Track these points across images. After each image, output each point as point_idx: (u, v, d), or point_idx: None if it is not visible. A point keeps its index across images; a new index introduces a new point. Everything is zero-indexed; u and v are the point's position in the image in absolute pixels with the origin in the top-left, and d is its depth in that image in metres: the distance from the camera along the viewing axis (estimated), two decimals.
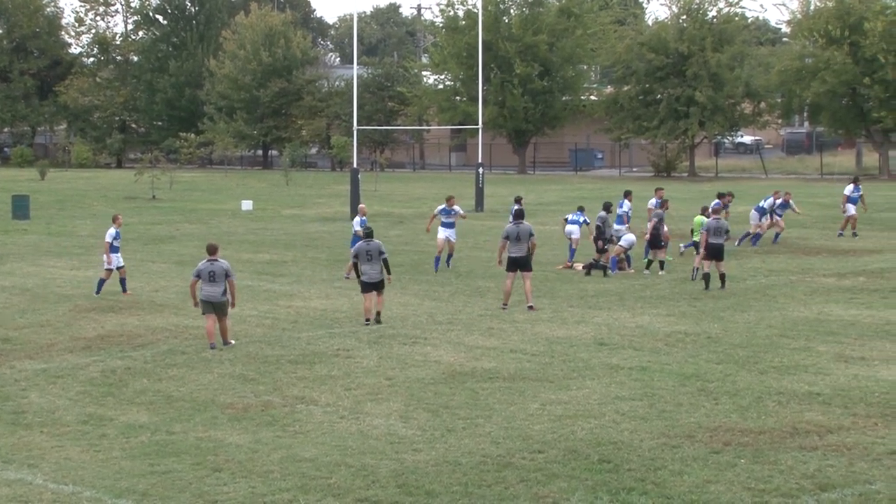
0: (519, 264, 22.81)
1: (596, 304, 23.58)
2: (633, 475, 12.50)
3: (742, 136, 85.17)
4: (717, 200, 30.33)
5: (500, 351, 19.03)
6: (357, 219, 28.44)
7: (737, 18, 70.97)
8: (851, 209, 34.94)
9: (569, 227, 30.07)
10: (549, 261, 30.12)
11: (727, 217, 28.56)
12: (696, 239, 27.36)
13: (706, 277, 25.06)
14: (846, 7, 64.23)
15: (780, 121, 76.06)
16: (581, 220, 29.93)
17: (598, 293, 25.05)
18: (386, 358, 18.55)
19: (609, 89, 75.71)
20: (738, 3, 70.80)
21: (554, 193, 54.31)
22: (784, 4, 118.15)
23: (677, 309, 22.85)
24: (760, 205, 33.26)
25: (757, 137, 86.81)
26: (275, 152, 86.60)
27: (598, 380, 16.85)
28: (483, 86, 53.43)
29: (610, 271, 27.58)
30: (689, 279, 26.20)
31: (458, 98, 76.00)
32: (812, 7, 67.13)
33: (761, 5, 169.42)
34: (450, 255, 29.00)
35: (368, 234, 22.24)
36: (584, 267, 28.52)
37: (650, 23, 78.18)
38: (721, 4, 70.35)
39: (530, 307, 22.67)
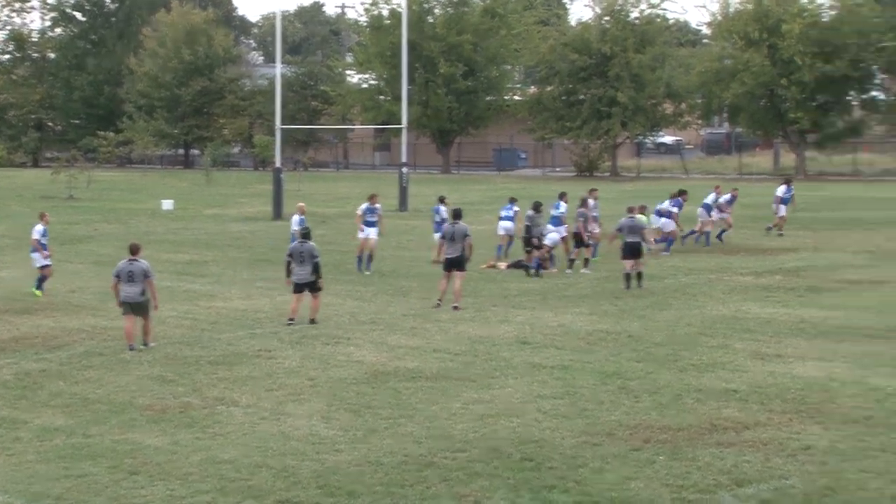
0: (453, 264, 22.98)
1: (518, 304, 23.66)
2: (554, 473, 12.54)
3: (663, 137, 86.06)
4: (675, 197, 31.05)
5: (423, 350, 19.01)
6: (296, 217, 28.21)
7: (658, 20, 71.72)
8: (783, 210, 35.44)
9: (503, 224, 30.22)
10: (473, 260, 30.12)
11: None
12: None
13: (626, 277, 25.26)
14: (764, 9, 65.21)
15: (700, 121, 76.94)
16: (513, 211, 30.33)
17: (521, 292, 25.14)
18: (308, 358, 18.44)
19: (533, 89, 76.07)
20: (659, 5, 71.62)
21: (477, 193, 54.40)
22: (704, 6, 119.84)
23: (599, 308, 23.01)
24: (706, 202, 33.61)
25: (678, 138, 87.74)
26: (196, 151, 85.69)
27: (520, 378, 16.91)
28: (407, 85, 53.30)
29: (532, 271, 27.69)
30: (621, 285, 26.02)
31: (382, 97, 75.83)
32: (731, 9, 68.04)
33: (682, 7, 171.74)
34: (370, 259, 28.72)
35: (305, 235, 22.04)
36: (507, 266, 28.63)
37: (574, 23, 78.70)
38: (643, 6, 71.07)
39: (455, 307, 22.67)
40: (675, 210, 31.84)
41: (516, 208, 30.73)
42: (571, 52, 69.37)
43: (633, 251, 25.13)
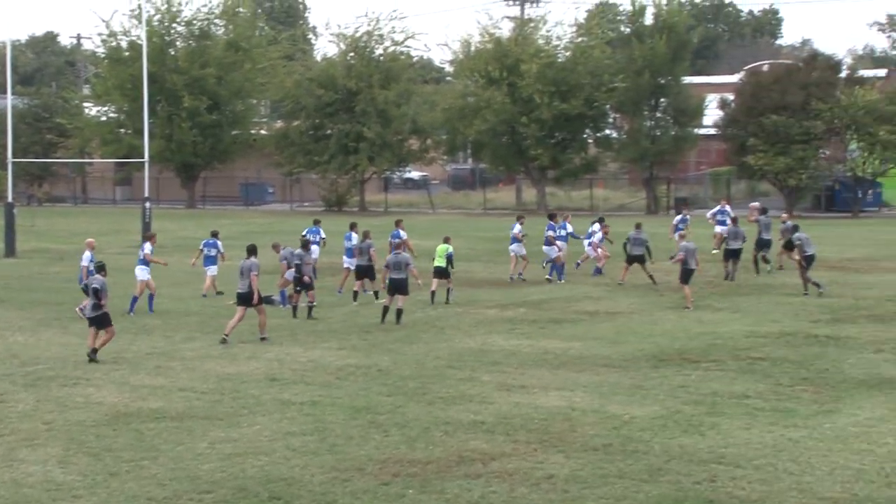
0: (397, 288, 25.01)
1: (267, 339, 23.34)
2: None
3: (410, 172, 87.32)
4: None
5: (168, 390, 18.48)
6: (87, 253, 27.02)
7: (402, 57, 72.77)
8: (718, 228, 37.56)
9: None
10: (222, 299, 29.63)
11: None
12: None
13: (384, 310, 25.44)
14: (504, 49, 67.25)
15: (445, 157, 78.47)
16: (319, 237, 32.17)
17: (270, 328, 24.80)
18: (44, 401, 17.60)
19: (279, 124, 75.74)
20: (403, 42, 72.63)
21: (225, 228, 53.50)
22: (447, 45, 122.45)
23: (348, 342, 22.99)
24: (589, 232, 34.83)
25: (424, 173, 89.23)
26: None
27: (269, 416, 16.66)
28: (149, 119, 52.03)
29: (281, 305, 27.35)
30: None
31: (122, 131, 73.82)
32: (472, 48, 69.82)
33: (425, 45, 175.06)
34: (151, 296, 27.85)
35: (100, 269, 21.64)
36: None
37: (319, 59, 78.89)
38: (387, 43, 71.97)
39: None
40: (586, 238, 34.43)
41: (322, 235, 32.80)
42: (317, 87, 69.50)
43: (397, 287, 25.24)
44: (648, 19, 66.75)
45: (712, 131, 67.82)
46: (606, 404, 17.23)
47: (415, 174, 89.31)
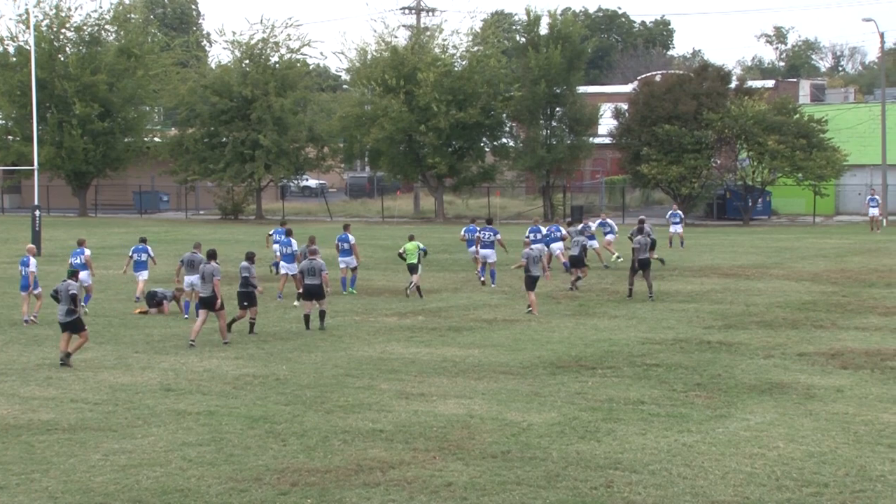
0: (313, 294, 25.20)
1: (163, 349, 23.03)
2: None
3: (308, 180, 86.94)
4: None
5: (60, 401, 18.10)
6: (32, 260, 27.37)
7: (298, 65, 72.46)
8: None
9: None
10: (116, 308, 29.16)
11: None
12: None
13: (306, 318, 25.48)
14: (400, 58, 67.37)
15: (342, 165, 78.32)
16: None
17: (165, 338, 24.50)
18: None
19: (174, 131, 74.82)
20: (298, 50, 72.28)
21: (117, 237, 52.75)
22: (343, 53, 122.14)
23: (245, 352, 22.78)
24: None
25: (321, 181, 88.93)
26: None
27: (165, 426, 16.41)
28: (39, 125, 51.08)
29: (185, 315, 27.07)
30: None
31: (10, 137, 72.28)
32: (369, 57, 69.80)
33: (321, 52, 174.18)
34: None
35: (72, 275, 21.78)
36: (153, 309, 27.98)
37: (214, 66, 78.19)
38: (283, 51, 71.58)
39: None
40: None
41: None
42: (212, 95, 68.86)
43: (313, 293, 25.26)
44: (543, 29, 67.48)
45: (607, 140, 68.85)
46: (505, 411, 17.32)
47: (312, 182, 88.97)
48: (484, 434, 15.96)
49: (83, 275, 27.89)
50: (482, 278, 33.84)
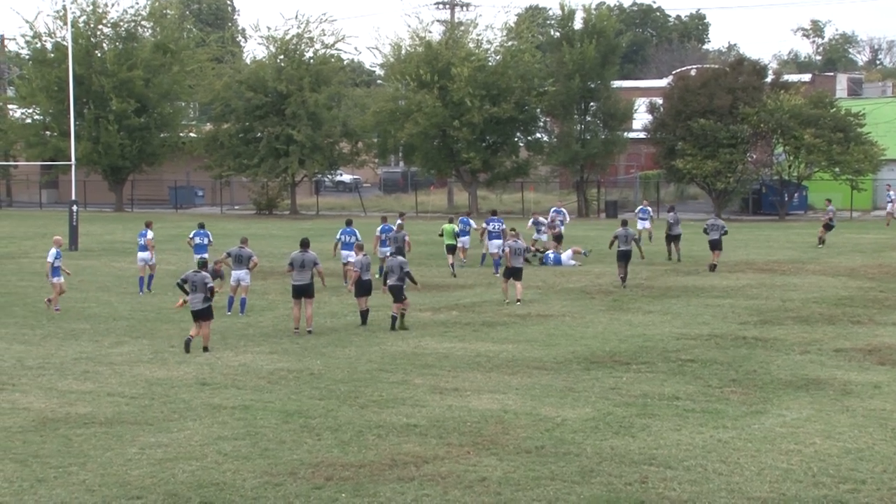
0: (302, 292, 24.27)
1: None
2: None
3: (341, 175, 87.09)
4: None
5: (97, 395, 18.24)
6: (53, 250, 27.71)
7: (333, 60, 72.53)
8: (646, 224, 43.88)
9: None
10: (152, 303, 29.32)
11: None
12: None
13: (363, 314, 25.67)
14: (434, 53, 67.31)
15: (376, 160, 78.39)
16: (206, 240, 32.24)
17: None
18: None
19: (208, 126, 75.11)
20: (333, 45, 72.38)
21: (154, 231, 52.96)
22: (377, 48, 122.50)
23: (280, 346, 22.87)
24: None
25: (356, 176, 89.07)
26: None
27: (200, 420, 16.51)
28: (76, 121, 51.41)
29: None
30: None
31: (48, 133, 72.79)
32: (403, 52, 69.79)
33: (356, 48, 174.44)
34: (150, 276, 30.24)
35: (203, 265, 23.04)
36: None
37: (249, 61, 78.40)
38: (317, 46, 71.71)
39: (309, 331, 24.12)
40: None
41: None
42: (247, 90, 69.03)
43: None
44: (578, 24, 67.24)
45: (641, 135, 68.50)
46: (539, 407, 17.31)
47: (346, 177, 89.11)
48: (518, 429, 15.95)
49: (146, 255, 30.77)
50: (496, 273, 34.49)
